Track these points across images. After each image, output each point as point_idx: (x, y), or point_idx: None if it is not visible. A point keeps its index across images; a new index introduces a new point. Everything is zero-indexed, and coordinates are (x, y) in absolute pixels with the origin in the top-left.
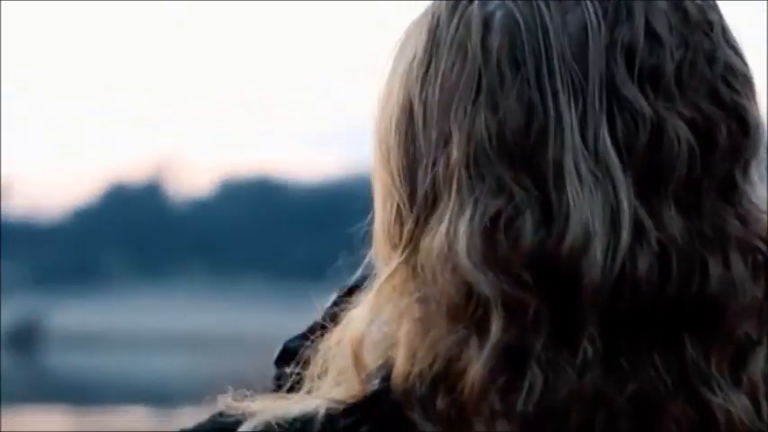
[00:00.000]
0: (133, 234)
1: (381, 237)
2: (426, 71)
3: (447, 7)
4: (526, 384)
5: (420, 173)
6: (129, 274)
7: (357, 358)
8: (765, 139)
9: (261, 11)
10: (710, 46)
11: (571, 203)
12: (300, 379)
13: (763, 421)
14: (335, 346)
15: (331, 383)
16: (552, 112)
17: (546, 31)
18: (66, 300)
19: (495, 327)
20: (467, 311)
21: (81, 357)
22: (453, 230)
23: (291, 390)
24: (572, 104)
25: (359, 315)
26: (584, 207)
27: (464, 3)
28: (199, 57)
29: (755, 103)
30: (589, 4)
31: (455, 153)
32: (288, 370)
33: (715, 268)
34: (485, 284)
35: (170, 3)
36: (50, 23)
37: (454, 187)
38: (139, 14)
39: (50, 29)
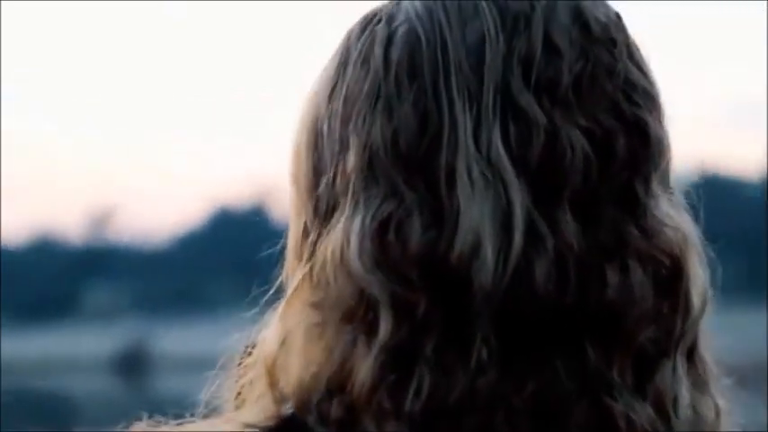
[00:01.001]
0: (239, 258)
1: (291, 254)
2: (333, 88)
3: (358, 27)
4: (414, 384)
5: (322, 184)
6: (236, 299)
7: (270, 378)
8: (668, 154)
9: None
10: (611, 61)
11: (462, 206)
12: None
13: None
14: (252, 369)
15: (249, 407)
16: (447, 119)
17: (444, 43)
18: (173, 324)
19: (384, 328)
20: (358, 314)
21: (188, 381)
22: (346, 235)
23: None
24: (467, 112)
25: (270, 334)
26: (473, 210)
27: (374, 22)
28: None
29: (658, 119)
30: (489, 17)
31: (351, 160)
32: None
33: (613, 276)
34: (374, 285)
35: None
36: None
37: (349, 193)
38: (229, 39)
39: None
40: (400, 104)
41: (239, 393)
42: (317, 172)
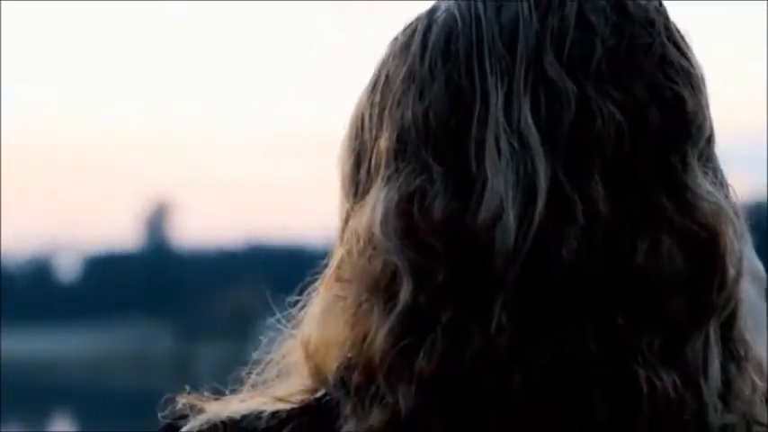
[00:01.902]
0: None
1: (336, 239)
2: (375, 81)
3: (405, 24)
4: (427, 347)
5: (362, 170)
6: None
7: (304, 353)
8: (706, 131)
9: None
10: (648, 39)
11: (488, 176)
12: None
13: (703, 404)
14: (293, 349)
15: (286, 382)
16: (479, 94)
17: (479, 23)
18: None
19: (404, 294)
20: (381, 284)
21: None
22: (372, 209)
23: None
24: (499, 86)
25: (310, 313)
26: (499, 179)
27: (416, 19)
28: None
29: (697, 96)
30: None
31: (384, 142)
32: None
33: (642, 245)
34: (395, 253)
35: None
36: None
37: (381, 173)
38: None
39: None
40: (432, 84)
41: (280, 369)
42: (357, 160)
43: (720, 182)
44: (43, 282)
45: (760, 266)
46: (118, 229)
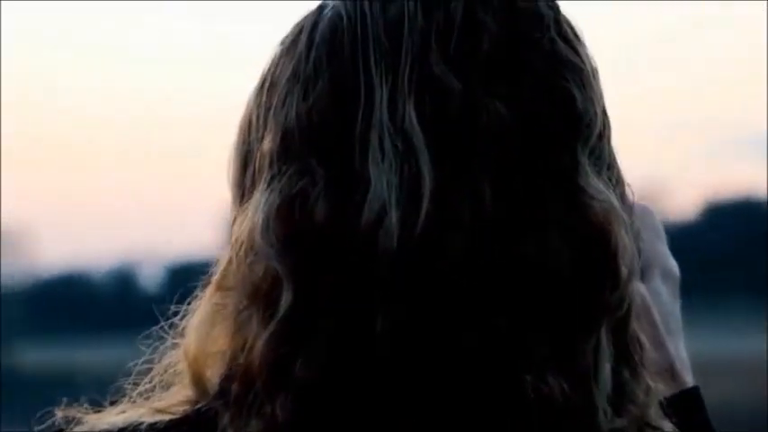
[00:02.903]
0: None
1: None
2: (263, 82)
3: (294, 23)
4: (306, 354)
5: (248, 174)
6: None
7: (188, 366)
8: (597, 130)
9: None
10: (537, 35)
11: (371, 179)
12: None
13: (593, 408)
14: (176, 359)
15: (169, 393)
16: (363, 93)
17: (364, 19)
18: None
19: (284, 301)
20: (262, 292)
21: None
22: (253, 214)
23: None
24: (383, 85)
25: (191, 322)
26: (382, 181)
27: (307, 14)
28: None
29: (587, 92)
30: None
31: (268, 144)
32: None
33: (530, 246)
34: (275, 259)
35: None
36: None
37: (264, 175)
38: None
39: None
40: (317, 83)
41: (162, 380)
42: (244, 164)
43: (615, 179)
44: (127, 291)
45: (674, 266)
46: (198, 235)
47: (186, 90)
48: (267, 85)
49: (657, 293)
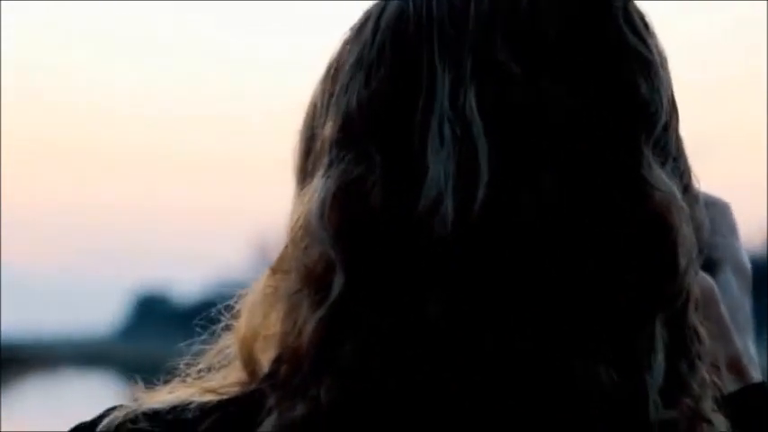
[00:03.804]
0: None
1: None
2: (329, 69)
3: (364, 10)
4: (355, 339)
5: (309, 161)
6: None
7: (239, 347)
8: (662, 120)
9: None
10: (604, 23)
11: (429, 166)
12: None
13: (643, 400)
14: (230, 341)
15: (220, 373)
16: (425, 80)
17: (430, 5)
18: None
19: (336, 285)
20: (315, 273)
21: None
22: (311, 199)
23: None
24: (446, 71)
25: (245, 304)
26: (439, 168)
27: (377, 1)
28: None
29: (653, 82)
30: None
31: (329, 130)
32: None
33: (591, 237)
34: (329, 243)
35: None
36: None
37: (324, 162)
38: None
39: None
40: (379, 69)
41: (216, 361)
42: (307, 150)
43: (681, 170)
44: None
45: (746, 262)
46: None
47: None
48: (332, 72)
49: (727, 287)
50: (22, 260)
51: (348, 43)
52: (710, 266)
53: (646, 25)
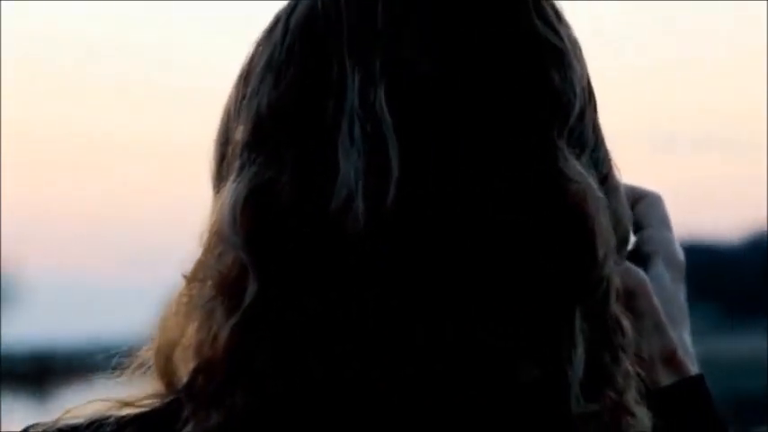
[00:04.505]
0: None
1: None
2: (241, 72)
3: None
4: (269, 345)
5: (223, 166)
6: None
7: (158, 359)
8: (576, 110)
9: None
10: (513, 16)
11: (340, 165)
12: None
13: (565, 393)
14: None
15: (139, 386)
16: (335, 78)
17: (338, 4)
18: None
19: (250, 291)
20: (228, 280)
21: None
22: (222, 203)
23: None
24: (356, 70)
25: (161, 314)
26: (349, 167)
27: (288, 1)
28: None
29: (566, 72)
30: None
31: (240, 134)
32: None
33: (504, 227)
34: (242, 248)
35: None
36: None
37: (236, 166)
38: None
39: None
40: (288, 70)
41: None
42: (222, 155)
43: (601, 159)
44: None
45: (679, 253)
46: None
47: None
48: (244, 75)
49: (660, 280)
50: (68, 265)
51: (259, 45)
52: (642, 259)
53: (557, 14)
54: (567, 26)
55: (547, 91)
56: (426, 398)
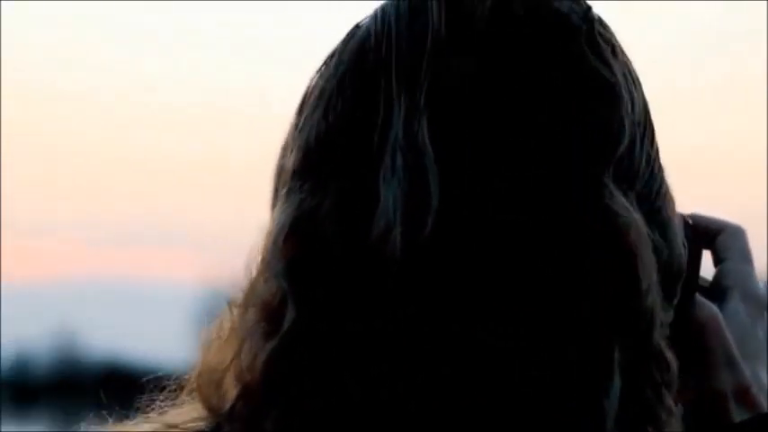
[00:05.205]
0: None
1: None
2: (298, 104)
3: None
4: (303, 371)
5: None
6: None
7: (199, 384)
8: (624, 143)
9: None
10: (565, 49)
11: (382, 194)
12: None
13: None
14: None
15: (184, 408)
16: (383, 109)
17: (389, 36)
18: None
19: (288, 318)
20: (270, 306)
21: None
22: (269, 231)
23: None
24: (402, 102)
25: (204, 338)
26: (389, 197)
27: (345, 35)
28: None
29: (615, 107)
30: (435, 8)
31: (290, 162)
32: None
33: (546, 259)
34: (282, 275)
35: None
36: None
37: (282, 193)
38: None
39: None
40: (338, 101)
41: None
42: (277, 186)
43: (648, 192)
44: None
45: (757, 287)
46: None
47: None
48: (300, 106)
49: (735, 314)
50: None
51: (315, 77)
52: (720, 293)
53: (613, 48)
54: (621, 59)
55: (593, 126)
56: (458, 417)
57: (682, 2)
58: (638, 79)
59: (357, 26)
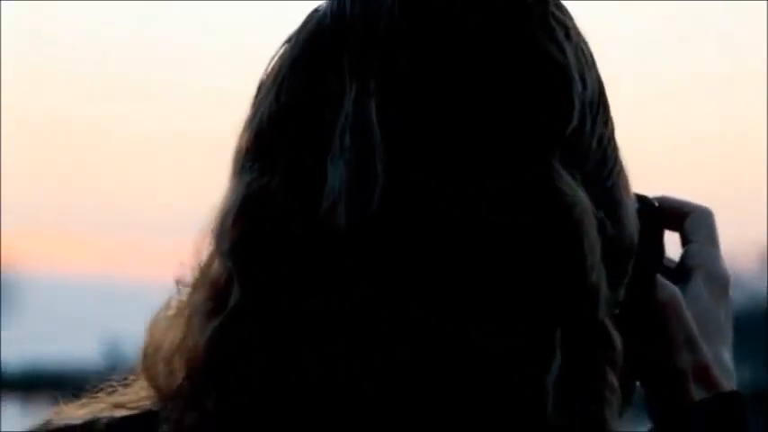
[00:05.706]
0: None
1: None
2: (257, 87)
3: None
4: (245, 350)
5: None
6: None
7: (145, 363)
8: (573, 125)
9: None
10: (518, 30)
11: (329, 175)
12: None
13: (541, 404)
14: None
15: (133, 389)
16: (334, 90)
17: (343, 19)
18: None
19: (233, 297)
20: (217, 286)
21: None
22: (217, 212)
23: None
24: (354, 83)
25: (153, 318)
26: (335, 176)
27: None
28: None
29: (566, 89)
30: None
31: (242, 142)
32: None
33: (486, 238)
34: (229, 255)
35: None
36: None
37: (234, 173)
38: None
39: None
40: (291, 82)
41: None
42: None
43: (600, 173)
44: None
45: (723, 270)
46: None
47: None
48: (258, 89)
49: (697, 295)
50: None
51: (273, 59)
52: (684, 275)
53: (566, 28)
54: (575, 41)
55: (541, 107)
56: (412, 396)
57: None
58: (593, 60)
59: (316, 10)
